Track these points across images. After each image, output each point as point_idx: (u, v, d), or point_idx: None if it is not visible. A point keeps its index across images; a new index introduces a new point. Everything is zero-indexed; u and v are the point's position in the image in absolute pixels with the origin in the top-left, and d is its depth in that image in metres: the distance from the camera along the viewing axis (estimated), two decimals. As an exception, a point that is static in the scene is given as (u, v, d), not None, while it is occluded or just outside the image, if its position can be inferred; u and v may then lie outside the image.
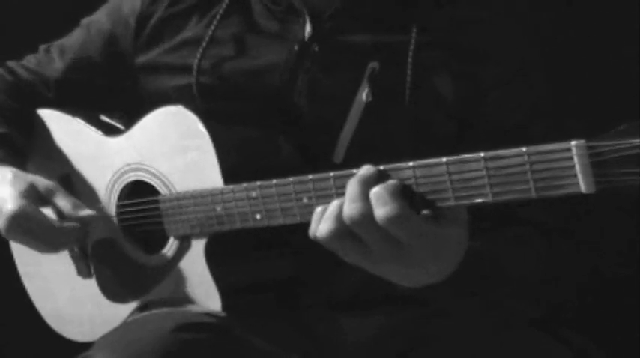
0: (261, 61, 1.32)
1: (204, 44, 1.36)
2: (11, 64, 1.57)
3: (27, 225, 1.32)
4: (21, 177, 1.36)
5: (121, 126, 1.42)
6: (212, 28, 1.36)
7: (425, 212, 0.97)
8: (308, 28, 1.30)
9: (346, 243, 0.99)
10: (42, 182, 1.37)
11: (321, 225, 1.00)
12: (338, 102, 1.26)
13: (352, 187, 0.98)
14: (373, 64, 1.26)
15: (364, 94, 1.25)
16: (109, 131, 1.42)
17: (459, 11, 1.28)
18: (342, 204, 0.99)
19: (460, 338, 1.24)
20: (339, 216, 0.99)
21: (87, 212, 1.35)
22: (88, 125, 1.45)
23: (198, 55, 1.35)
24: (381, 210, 0.95)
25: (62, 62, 1.51)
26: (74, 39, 1.52)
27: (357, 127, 1.25)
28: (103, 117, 1.47)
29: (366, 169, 0.99)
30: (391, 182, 0.97)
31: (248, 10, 1.37)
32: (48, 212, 1.34)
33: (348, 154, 1.25)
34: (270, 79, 1.31)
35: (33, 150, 1.49)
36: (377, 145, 1.25)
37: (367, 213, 0.96)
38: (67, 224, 1.33)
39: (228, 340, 1.26)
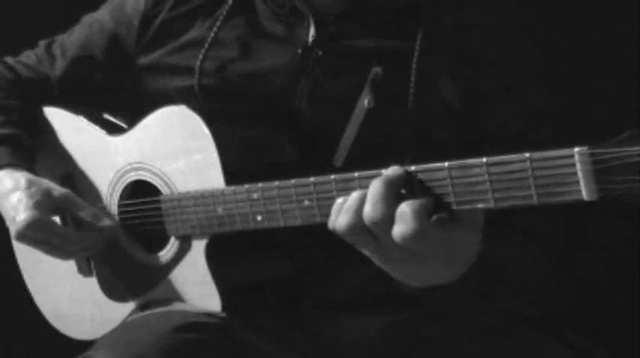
0: (264, 63, 1.32)
1: (206, 45, 1.35)
2: (10, 60, 1.56)
3: (39, 235, 1.32)
4: (35, 184, 1.36)
5: (124, 125, 1.41)
6: (214, 29, 1.36)
7: (441, 215, 0.96)
8: (312, 32, 1.30)
9: (362, 238, 0.99)
10: (57, 190, 1.36)
11: (340, 217, 0.99)
12: (339, 107, 1.26)
13: (376, 188, 0.97)
14: (376, 69, 1.25)
15: (366, 100, 1.25)
16: (112, 130, 1.42)
17: (463, 17, 1.28)
18: (363, 198, 0.98)
19: (460, 338, 1.24)
20: (358, 211, 0.98)
21: (107, 222, 1.35)
22: (91, 123, 1.45)
23: (201, 57, 1.35)
24: (399, 227, 0.95)
25: (64, 60, 1.51)
26: (75, 37, 1.52)
27: (358, 132, 1.25)
28: (107, 116, 1.46)
29: (392, 170, 0.98)
30: (418, 202, 0.95)
31: (253, 12, 1.36)
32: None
33: (349, 158, 1.25)
34: (273, 82, 1.30)
35: (37, 148, 1.49)
36: (378, 150, 1.24)
37: (387, 216, 0.95)
38: (84, 233, 1.34)
39: (228, 340, 1.26)
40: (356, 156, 1.24)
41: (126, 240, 1.38)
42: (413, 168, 0.98)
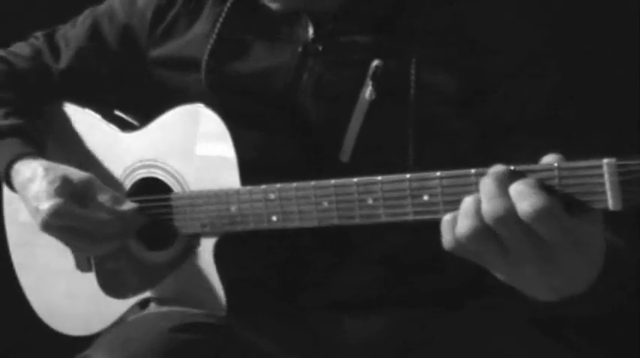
0: (266, 62, 1.32)
1: (209, 46, 1.35)
2: (0, 52, 1.55)
3: (66, 222, 1.30)
4: (52, 170, 1.34)
5: (136, 123, 1.42)
6: (217, 29, 1.36)
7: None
8: (311, 30, 1.30)
9: (486, 243, 0.91)
10: (76, 174, 1.34)
11: (460, 223, 0.92)
12: (343, 101, 1.26)
13: (488, 186, 0.91)
14: (376, 62, 1.25)
15: (367, 92, 1.25)
16: (124, 126, 1.42)
17: (461, 6, 1.27)
18: (478, 200, 0.91)
19: (460, 338, 1.25)
20: (478, 212, 0.91)
21: (129, 205, 1.33)
22: (102, 119, 1.45)
23: (206, 57, 1.35)
24: (525, 204, 0.87)
25: (69, 51, 1.50)
26: (79, 29, 1.51)
27: (363, 125, 1.25)
28: (118, 113, 1.47)
29: (497, 167, 0.92)
30: (530, 178, 0.90)
31: (254, 11, 1.36)
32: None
33: (355, 153, 1.25)
34: (276, 80, 1.31)
35: (46, 143, 1.47)
36: (383, 143, 1.25)
37: (509, 209, 0.89)
38: (110, 218, 1.31)
39: (227, 340, 1.27)
40: (362, 151, 1.25)
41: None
42: (438, 173, 0.99)
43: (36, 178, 1.33)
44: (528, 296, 0.97)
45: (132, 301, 1.40)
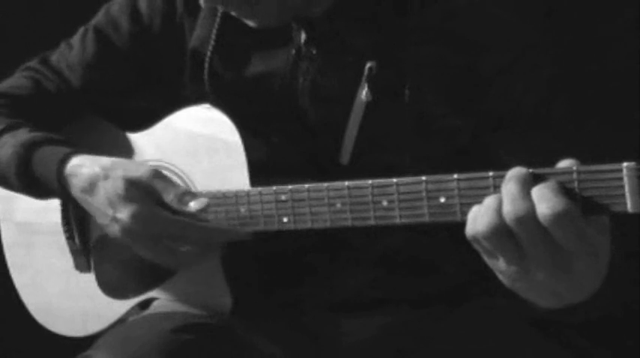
0: (263, 66, 1.32)
1: (209, 52, 1.35)
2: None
3: (152, 228, 1.24)
4: (112, 169, 1.27)
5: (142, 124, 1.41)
6: (214, 32, 1.35)
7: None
8: (303, 34, 1.30)
9: (503, 242, 0.91)
10: (139, 170, 1.26)
11: (481, 218, 0.92)
12: (340, 103, 1.26)
13: (510, 188, 0.91)
14: (371, 64, 1.25)
15: (364, 94, 1.25)
16: (129, 127, 1.41)
17: (452, 4, 1.27)
18: (500, 200, 0.92)
19: (460, 338, 1.26)
20: (498, 211, 0.91)
21: (199, 203, 1.24)
22: (106, 121, 1.44)
23: (207, 64, 1.35)
24: (544, 206, 0.88)
25: (77, 71, 1.45)
26: (81, 46, 1.45)
27: (360, 127, 1.25)
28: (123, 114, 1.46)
29: (517, 170, 0.93)
30: (552, 181, 0.91)
31: None
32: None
33: (354, 155, 1.26)
34: (274, 85, 1.31)
35: None
36: (381, 144, 1.25)
37: (530, 210, 0.89)
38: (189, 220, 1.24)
39: (228, 340, 1.28)
40: (361, 152, 1.25)
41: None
42: (455, 176, 1.00)
43: (98, 180, 1.27)
44: (528, 301, 0.98)
45: (132, 302, 1.40)
